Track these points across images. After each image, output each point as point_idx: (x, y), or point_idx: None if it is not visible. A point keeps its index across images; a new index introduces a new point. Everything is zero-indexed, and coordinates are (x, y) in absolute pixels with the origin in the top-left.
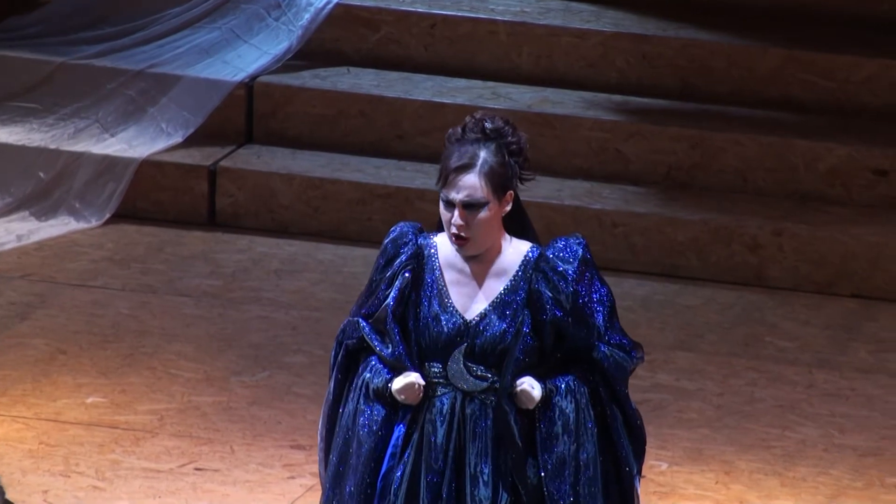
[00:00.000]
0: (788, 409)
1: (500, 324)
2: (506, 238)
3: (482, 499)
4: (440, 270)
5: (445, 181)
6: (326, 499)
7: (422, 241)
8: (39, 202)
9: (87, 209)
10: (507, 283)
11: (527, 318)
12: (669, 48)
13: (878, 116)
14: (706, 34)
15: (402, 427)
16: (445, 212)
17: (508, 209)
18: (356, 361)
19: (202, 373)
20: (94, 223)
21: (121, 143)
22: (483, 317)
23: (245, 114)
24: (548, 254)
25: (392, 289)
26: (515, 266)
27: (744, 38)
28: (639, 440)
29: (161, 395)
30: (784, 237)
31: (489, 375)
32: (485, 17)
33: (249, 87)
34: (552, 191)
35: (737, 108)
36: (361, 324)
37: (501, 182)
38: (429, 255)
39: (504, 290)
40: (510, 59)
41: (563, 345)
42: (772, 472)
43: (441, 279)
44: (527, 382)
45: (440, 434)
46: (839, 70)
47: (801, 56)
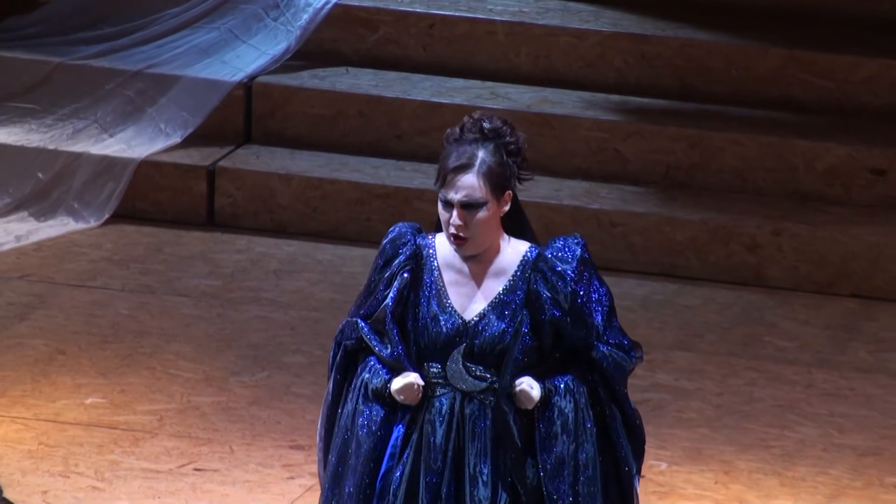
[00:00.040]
0: (788, 409)
1: (499, 324)
2: (504, 238)
3: (481, 499)
4: (439, 271)
5: (444, 181)
6: (325, 499)
7: (420, 242)
8: (38, 203)
9: (86, 209)
10: (506, 283)
11: (525, 318)
12: (668, 48)
13: (878, 116)
14: (705, 34)
15: (402, 427)
16: (444, 212)
17: (507, 209)
18: (355, 362)
19: (201, 373)
20: (93, 223)
21: (119, 144)
22: (482, 317)
23: (244, 114)
24: (546, 254)
25: (391, 289)
26: (514, 266)
27: (742, 38)
28: (638, 440)
29: (160, 396)
30: (783, 237)
31: (488, 375)
32: (483, 18)
33: (248, 88)
34: (551, 191)
35: (736, 108)
36: (360, 324)
37: (500, 182)
38: (427, 256)
39: (503, 290)
40: (509, 59)
41: (562, 345)
42: (771, 472)
43: (440, 279)
44: (525, 382)
45: (439, 434)
46: (838, 70)
47: (801, 56)
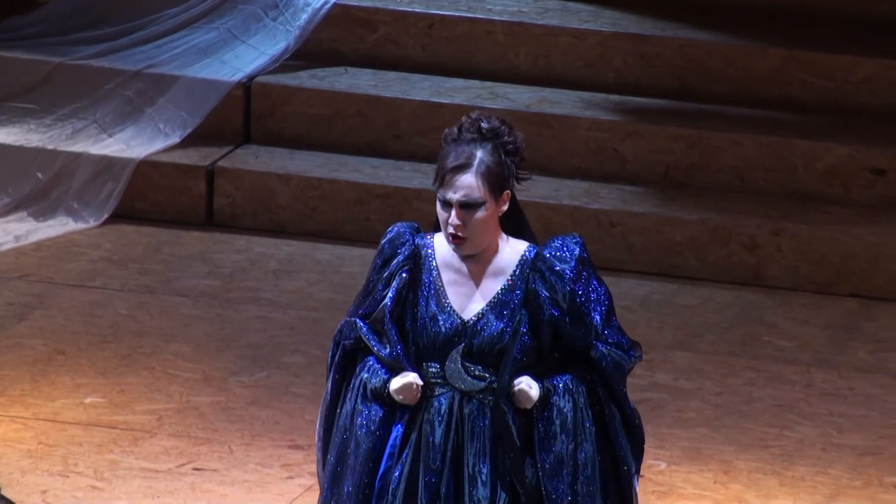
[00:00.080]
0: (787, 409)
1: (498, 323)
2: (503, 238)
3: (480, 499)
4: (437, 270)
5: (442, 181)
6: (324, 499)
7: (419, 242)
8: (37, 203)
9: (85, 209)
10: (505, 283)
11: (524, 318)
12: (667, 48)
13: (877, 116)
14: (704, 34)
15: (400, 427)
16: (442, 212)
17: (505, 209)
18: (353, 362)
19: (200, 373)
20: (92, 223)
21: (119, 144)
22: (480, 317)
23: (243, 114)
24: (545, 253)
25: (389, 289)
26: (513, 266)
27: (742, 38)
28: (637, 439)
29: (159, 396)
30: (783, 237)
31: (487, 375)
32: (482, 18)
33: (247, 88)
34: (550, 191)
35: (735, 108)
36: (359, 324)
37: (498, 182)
38: (426, 256)
39: (501, 290)
40: (508, 59)
41: (561, 344)
42: (770, 472)
43: (438, 279)
44: (524, 382)
45: (438, 434)
46: (838, 70)
47: (800, 56)
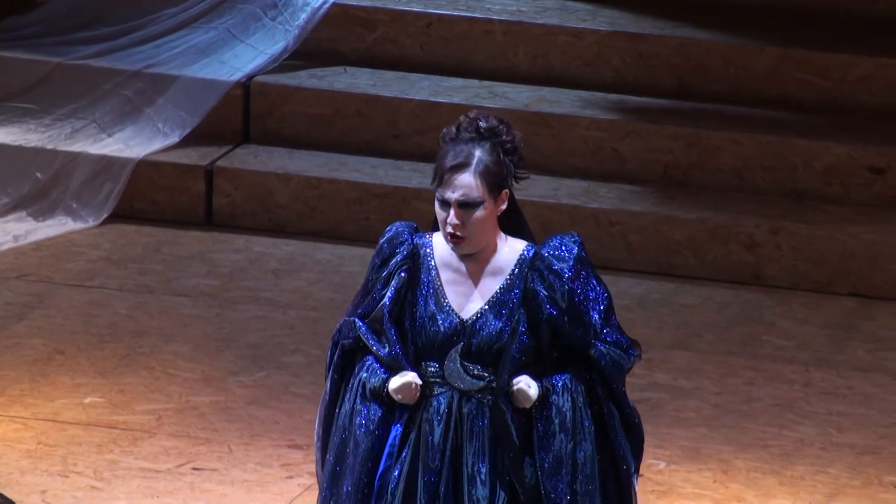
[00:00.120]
0: (786, 408)
1: (497, 323)
2: (501, 237)
3: (479, 498)
4: (436, 270)
5: (441, 180)
6: (324, 498)
7: (417, 241)
8: (36, 202)
9: (85, 209)
10: (503, 282)
11: (523, 317)
12: (666, 47)
13: (875, 115)
14: (702, 33)
15: (399, 427)
16: (441, 211)
17: (504, 208)
18: (352, 361)
19: (200, 373)
20: (92, 223)
21: (118, 144)
22: (479, 316)
23: (242, 114)
24: (543, 252)
25: (388, 288)
26: (511, 265)
27: (740, 37)
28: (636, 438)
29: (159, 396)
30: (782, 236)
31: (486, 374)
32: (481, 17)
33: (246, 87)
34: (549, 190)
35: (733, 107)
36: (358, 324)
37: (496, 181)
38: (424, 255)
39: (500, 289)
40: (507, 59)
41: (560, 343)
42: (769, 471)
43: (437, 278)
44: (523, 381)
45: (437, 433)
46: (835, 69)
47: (798, 55)
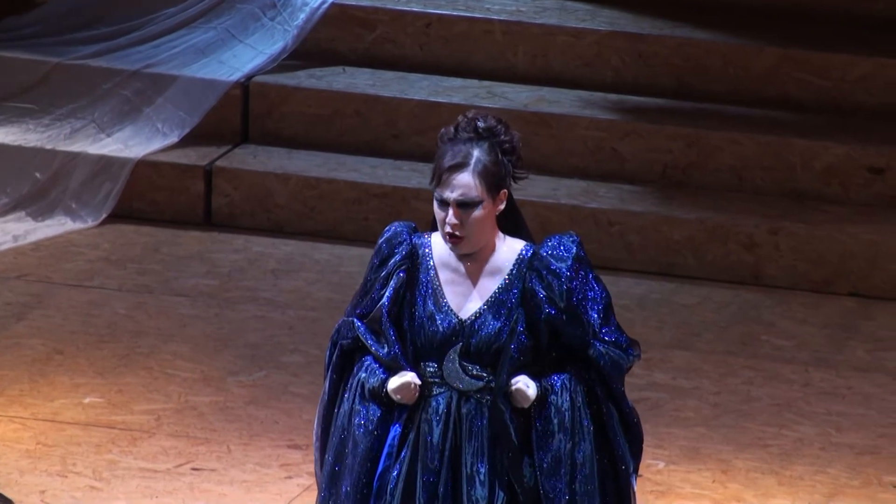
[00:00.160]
0: (785, 408)
1: (495, 323)
2: (500, 237)
3: (479, 498)
4: (435, 270)
5: (439, 180)
6: (323, 499)
7: (416, 241)
8: (36, 202)
9: (84, 209)
10: (502, 282)
11: (521, 317)
12: (665, 47)
13: (874, 115)
14: (702, 33)
15: (398, 427)
16: (439, 211)
17: (502, 208)
18: (351, 361)
19: (199, 373)
20: (91, 223)
21: (117, 144)
22: (478, 316)
23: (241, 114)
24: (542, 252)
25: (387, 288)
26: (510, 265)
27: (739, 37)
28: (635, 438)
29: (158, 396)
30: (781, 236)
31: (485, 375)
32: (480, 17)
33: (245, 87)
34: (548, 190)
35: (733, 107)
36: (356, 324)
37: (495, 181)
38: (423, 255)
39: (498, 289)
40: (506, 59)
41: (559, 343)
42: (769, 471)
43: (436, 279)
44: (522, 381)
45: (436, 434)
46: (834, 69)
47: (797, 55)
